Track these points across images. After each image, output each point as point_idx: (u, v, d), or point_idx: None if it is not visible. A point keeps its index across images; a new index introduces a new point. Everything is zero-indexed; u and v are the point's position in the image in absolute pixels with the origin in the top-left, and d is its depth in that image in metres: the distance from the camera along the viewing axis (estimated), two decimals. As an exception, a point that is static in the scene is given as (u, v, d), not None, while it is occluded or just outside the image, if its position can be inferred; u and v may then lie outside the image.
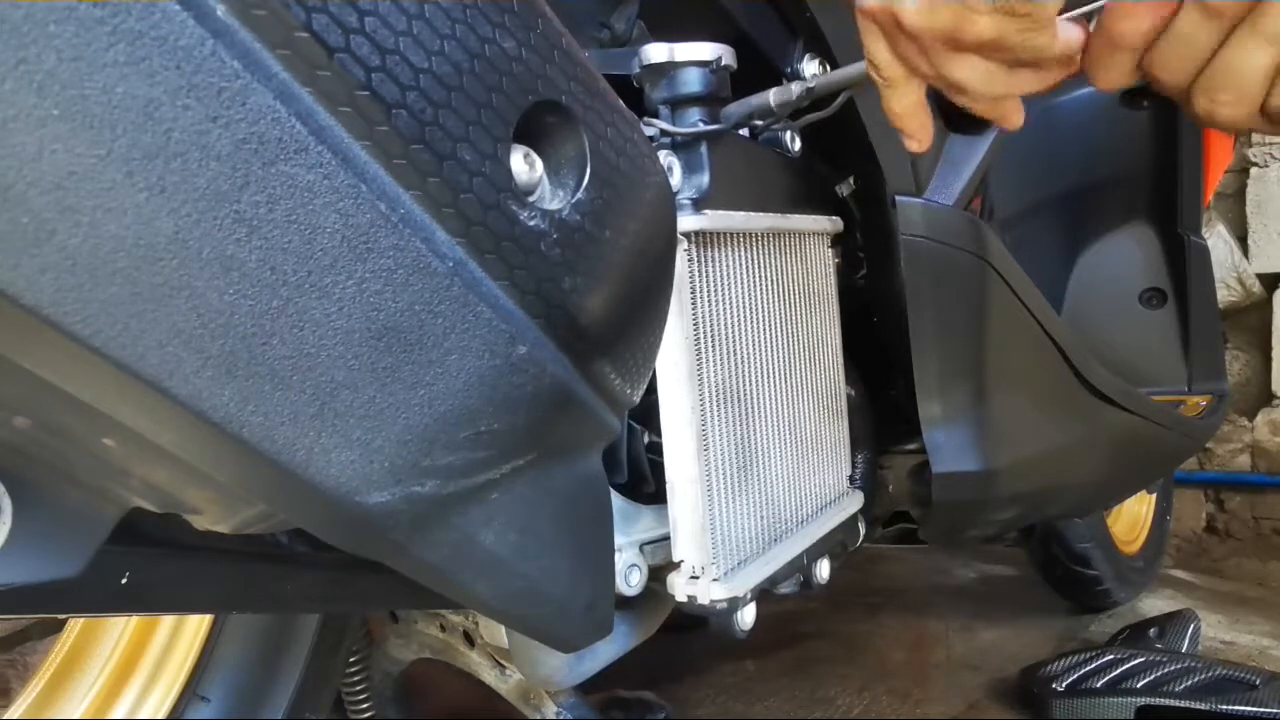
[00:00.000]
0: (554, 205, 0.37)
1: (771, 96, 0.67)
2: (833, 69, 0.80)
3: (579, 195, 0.38)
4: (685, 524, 0.64)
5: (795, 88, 0.66)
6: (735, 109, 0.68)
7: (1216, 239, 2.54)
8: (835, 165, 0.88)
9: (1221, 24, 0.43)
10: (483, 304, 0.34)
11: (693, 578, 0.65)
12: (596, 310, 0.39)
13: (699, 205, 0.64)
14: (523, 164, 0.36)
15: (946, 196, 0.90)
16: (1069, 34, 0.48)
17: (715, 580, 0.65)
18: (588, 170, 0.38)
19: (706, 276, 0.65)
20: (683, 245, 0.62)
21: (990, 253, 0.91)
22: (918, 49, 0.50)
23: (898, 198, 0.86)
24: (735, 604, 0.66)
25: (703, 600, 0.65)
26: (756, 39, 0.78)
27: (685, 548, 0.65)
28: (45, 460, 0.36)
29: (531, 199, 0.36)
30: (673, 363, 0.63)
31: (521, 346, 0.36)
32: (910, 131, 0.57)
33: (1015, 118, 0.55)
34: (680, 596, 0.66)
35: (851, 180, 0.89)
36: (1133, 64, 0.47)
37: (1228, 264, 2.57)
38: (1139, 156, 1.34)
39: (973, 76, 0.50)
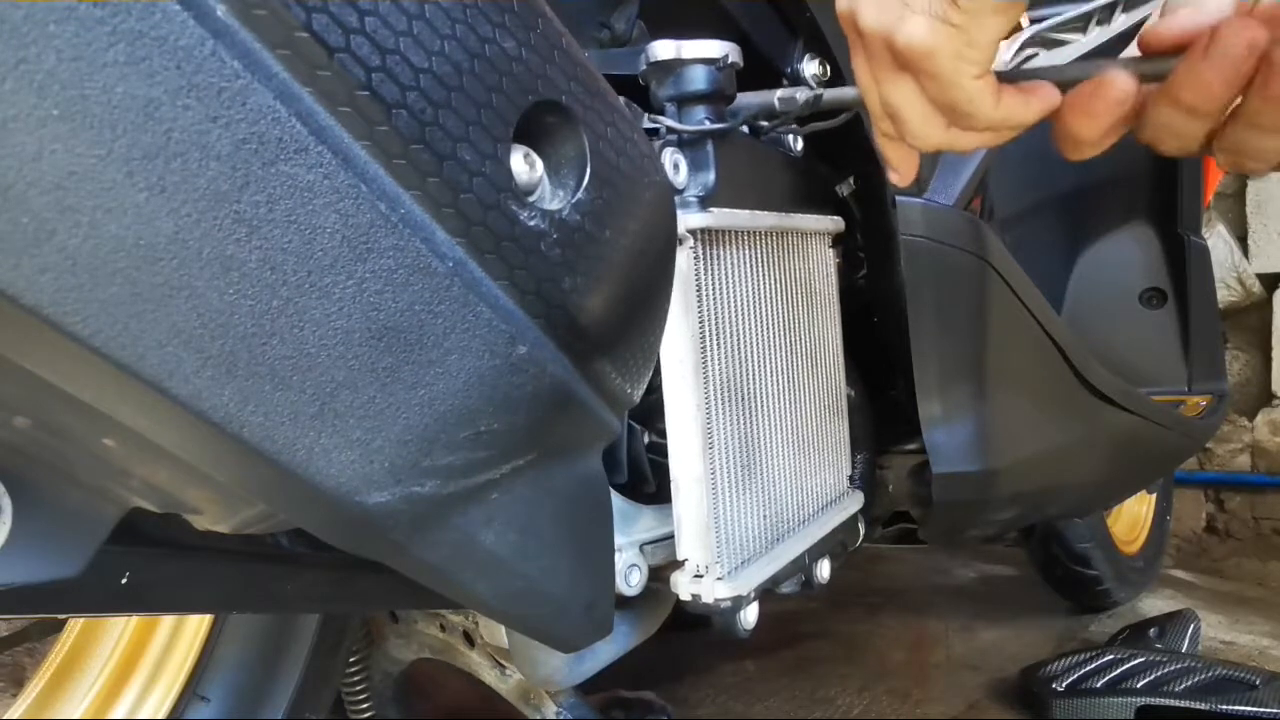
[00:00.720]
0: (554, 205, 0.37)
1: (777, 101, 0.67)
2: (833, 69, 0.80)
3: (579, 195, 0.37)
4: (689, 522, 0.64)
5: (801, 95, 0.66)
6: (741, 108, 0.68)
7: (1216, 239, 2.54)
8: (836, 165, 0.88)
9: (1201, 119, 0.42)
10: (483, 304, 0.34)
11: (697, 576, 0.65)
12: (597, 310, 0.39)
13: (705, 203, 0.63)
14: (523, 164, 0.36)
15: (946, 196, 0.90)
16: (1039, 102, 0.47)
17: (719, 579, 0.65)
18: (588, 170, 0.38)
19: (712, 274, 0.65)
20: (688, 242, 0.62)
21: (990, 253, 0.91)
22: (869, 60, 0.50)
23: (898, 198, 0.86)
24: (739, 603, 0.66)
25: (706, 599, 0.65)
26: (757, 39, 0.78)
27: (689, 546, 0.65)
28: (45, 460, 0.36)
29: (531, 199, 0.36)
30: (678, 359, 0.63)
31: (521, 346, 0.36)
32: (893, 162, 0.56)
33: (905, 171, 0.56)
34: (684, 595, 0.66)
35: (852, 180, 0.89)
36: (1107, 144, 0.47)
37: (1228, 264, 2.57)
38: (1139, 156, 1.34)
39: (908, 105, 0.49)
